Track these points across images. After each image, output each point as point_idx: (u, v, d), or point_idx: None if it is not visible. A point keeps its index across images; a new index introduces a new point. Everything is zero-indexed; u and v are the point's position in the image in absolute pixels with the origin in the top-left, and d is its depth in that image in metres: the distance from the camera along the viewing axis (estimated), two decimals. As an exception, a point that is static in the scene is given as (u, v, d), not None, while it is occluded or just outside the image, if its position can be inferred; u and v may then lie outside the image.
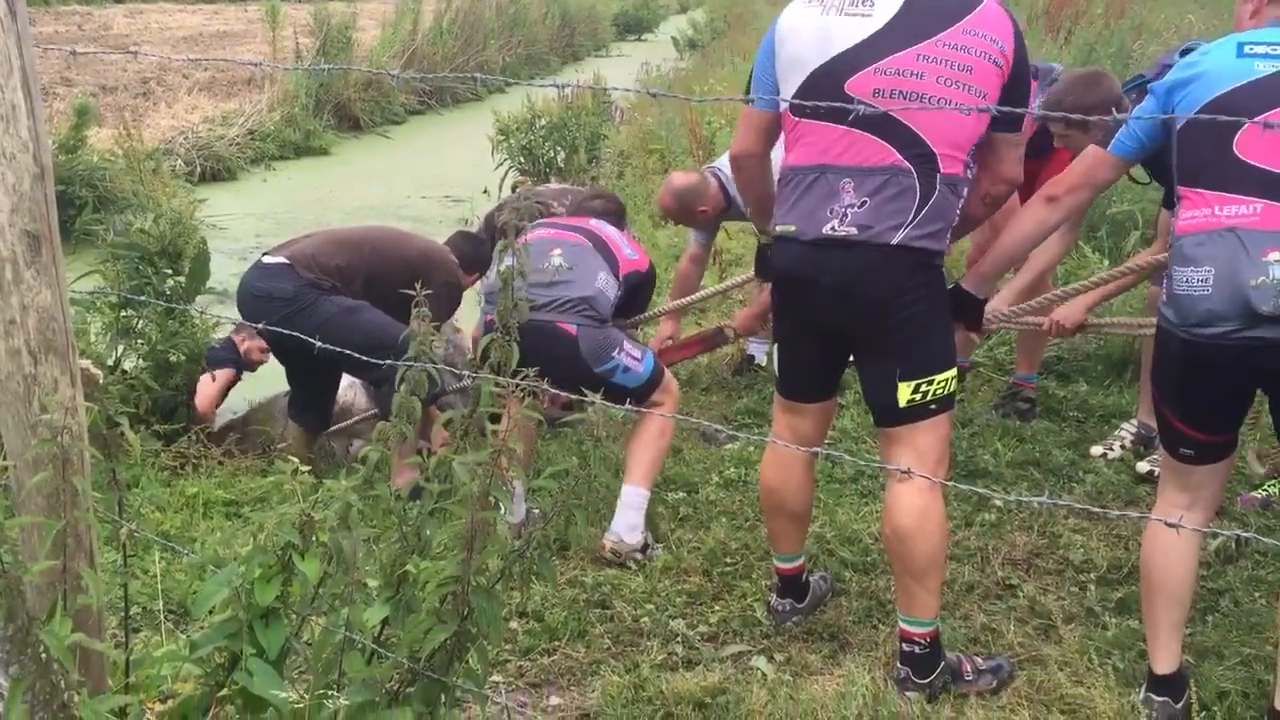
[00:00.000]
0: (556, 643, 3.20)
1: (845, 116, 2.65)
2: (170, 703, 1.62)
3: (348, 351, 2.59)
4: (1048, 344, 4.89)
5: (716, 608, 3.37)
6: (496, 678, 3.04)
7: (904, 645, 2.93)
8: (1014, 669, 3.01)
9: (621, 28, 28.88)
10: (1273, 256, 2.40)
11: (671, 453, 4.43)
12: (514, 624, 3.26)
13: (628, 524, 3.67)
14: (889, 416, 2.87)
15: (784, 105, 2.85)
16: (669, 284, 5.61)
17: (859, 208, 2.73)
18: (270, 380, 4.92)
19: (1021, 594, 3.39)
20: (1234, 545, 3.50)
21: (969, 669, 2.96)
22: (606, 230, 4.04)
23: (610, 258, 3.88)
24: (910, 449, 2.83)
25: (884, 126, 2.69)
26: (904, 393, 2.80)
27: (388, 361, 3.19)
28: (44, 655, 1.39)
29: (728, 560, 3.63)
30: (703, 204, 4.74)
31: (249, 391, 5.10)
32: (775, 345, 3.28)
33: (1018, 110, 2.69)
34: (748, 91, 3.01)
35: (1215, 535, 3.57)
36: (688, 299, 4.94)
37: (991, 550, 3.64)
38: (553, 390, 1.92)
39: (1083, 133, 3.77)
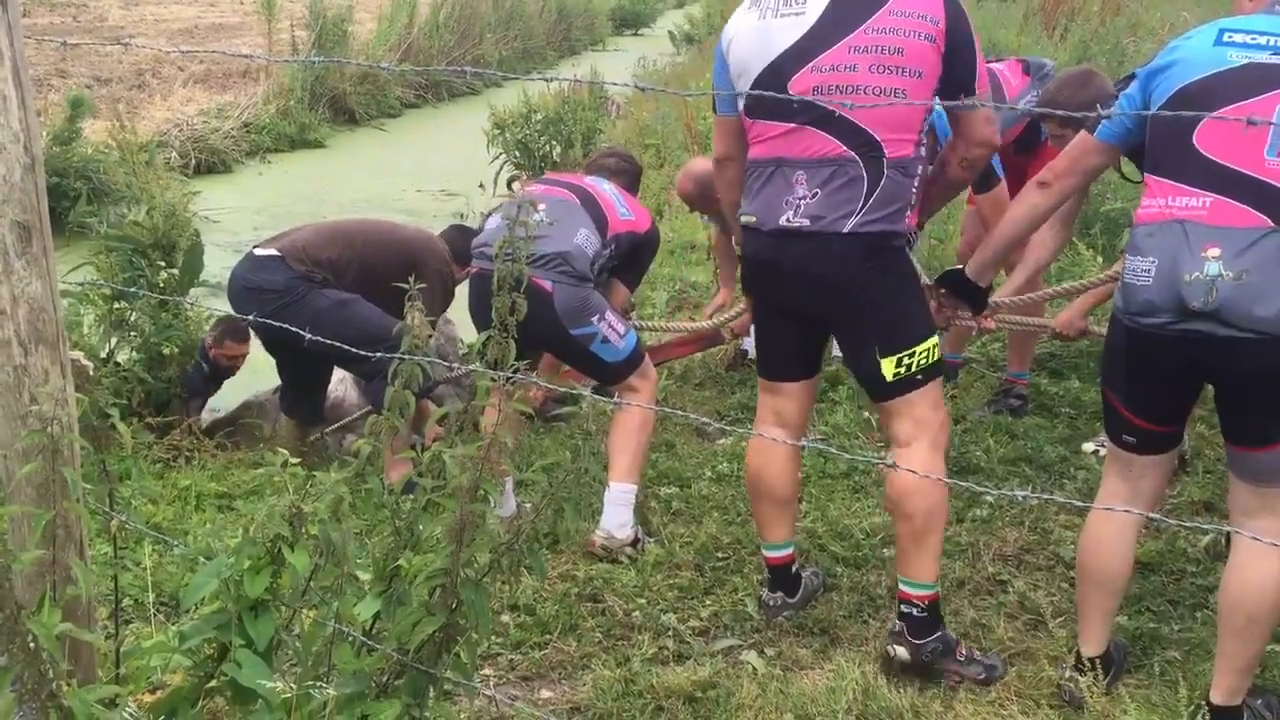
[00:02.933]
0: (548, 636, 3.20)
1: (791, 114, 2.82)
2: (160, 694, 1.62)
3: (339, 345, 2.58)
4: (1039, 341, 4.90)
5: (708, 602, 3.38)
6: (487, 671, 3.05)
7: (902, 606, 3.00)
8: (1005, 670, 3.02)
9: (618, 22, 28.83)
10: (1211, 253, 2.42)
11: (664, 448, 4.44)
12: (505, 617, 3.26)
13: (617, 521, 3.66)
14: (880, 391, 2.97)
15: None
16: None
17: (811, 199, 2.84)
18: (263, 375, 4.91)
19: (1012, 589, 3.40)
20: (1223, 542, 3.51)
21: (964, 651, 3.01)
22: (601, 188, 3.94)
23: (598, 215, 3.80)
24: (909, 419, 2.95)
25: (827, 120, 2.80)
26: (888, 368, 2.91)
27: (379, 354, 3.20)
28: (32, 644, 1.39)
29: (719, 555, 3.63)
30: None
31: (241, 387, 5.10)
32: (753, 328, 3.33)
33: (968, 106, 2.77)
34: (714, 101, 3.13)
35: (1205, 532, 3.60)
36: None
37: (983, 546, 3.65)
38: (541, 384, 1.92)
39: (1075, 131, 3.78)
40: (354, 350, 2.61)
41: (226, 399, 5.11)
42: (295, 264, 4.21)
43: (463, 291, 5.02)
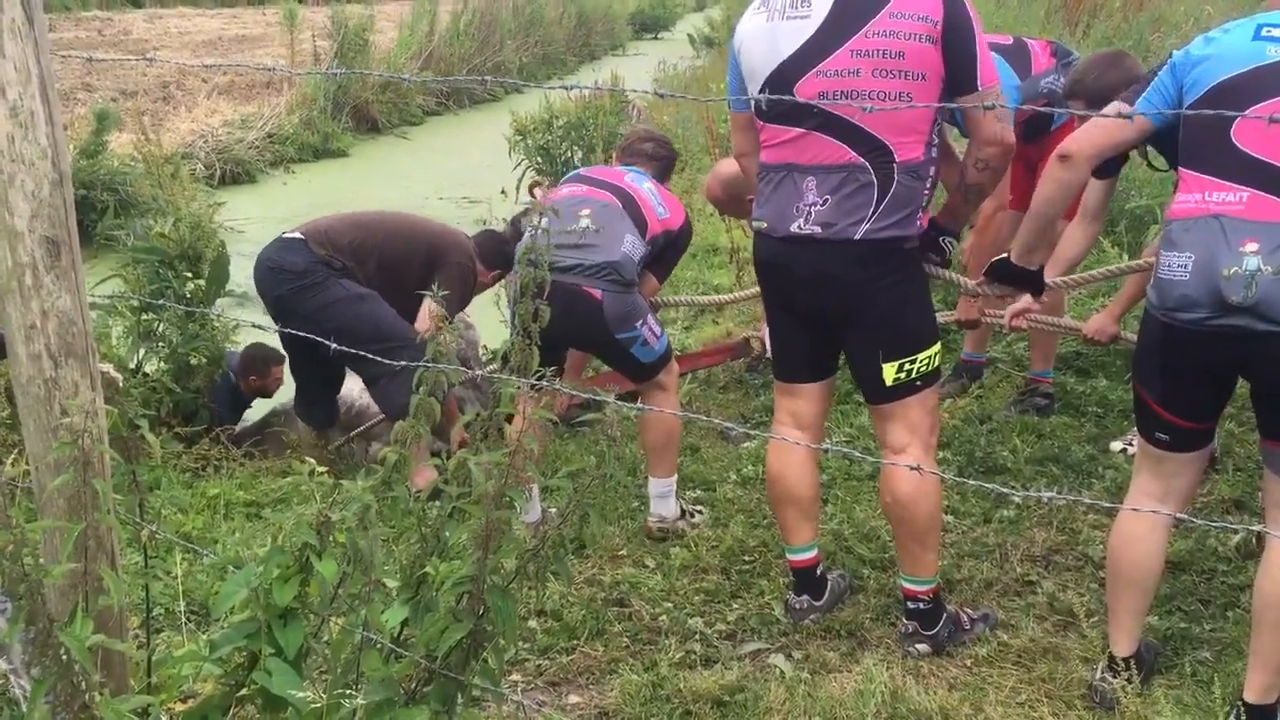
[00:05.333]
0: (575, 641, 3.21)
1: (800, 120, 2.82)
2: (191, 702, 1.64)
3: (351, 333, 2.59)
4: (1062, 338, 4.87)
5: (735, 606, 3.37)
6: (515, 676, 3.05)
7: (909, 603, 3.11)
8: (995, 615, 3.22)
9: (638, 26, 28.89)
10: (1250, 247, 2.40)
11: (689, 451, 4.45)
12: (532, 623, 3.27)
13: (664, 509, 3.82)
14: (878, 395, 3.00)
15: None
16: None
17: (821, 205, 2.85)
18: (290, 385, 4.94)
19: (1040, 590, 3.38)
20: (1254, 540, 3.47)
21: (966, 619, 3.16)
22: (640, 188, 3.92)
23: (639, 218, 3.81)
24: (902, 423, 2.99)
25: (836, 126, 2.80)
26: (889, 373, 2.94)
27: (395, 363, 3.22)
28: (65, 657, 1.41)
29: (746, 558, 3.63)
30: (752, 192, 4.72)
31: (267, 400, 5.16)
32: (769, 330, 3.35)
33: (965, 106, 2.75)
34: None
35: (1235, 531, 3.57)
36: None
37: (1010, 547, 3.63)
38: (566, 390, 1.93)
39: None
40: (359, 351, 2.63)
41: (251, 411, 5.17)
42: (316, 248, 4.23)
43: (487, 298, 5.07)
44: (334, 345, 2.36)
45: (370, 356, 2.64)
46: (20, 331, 1.78)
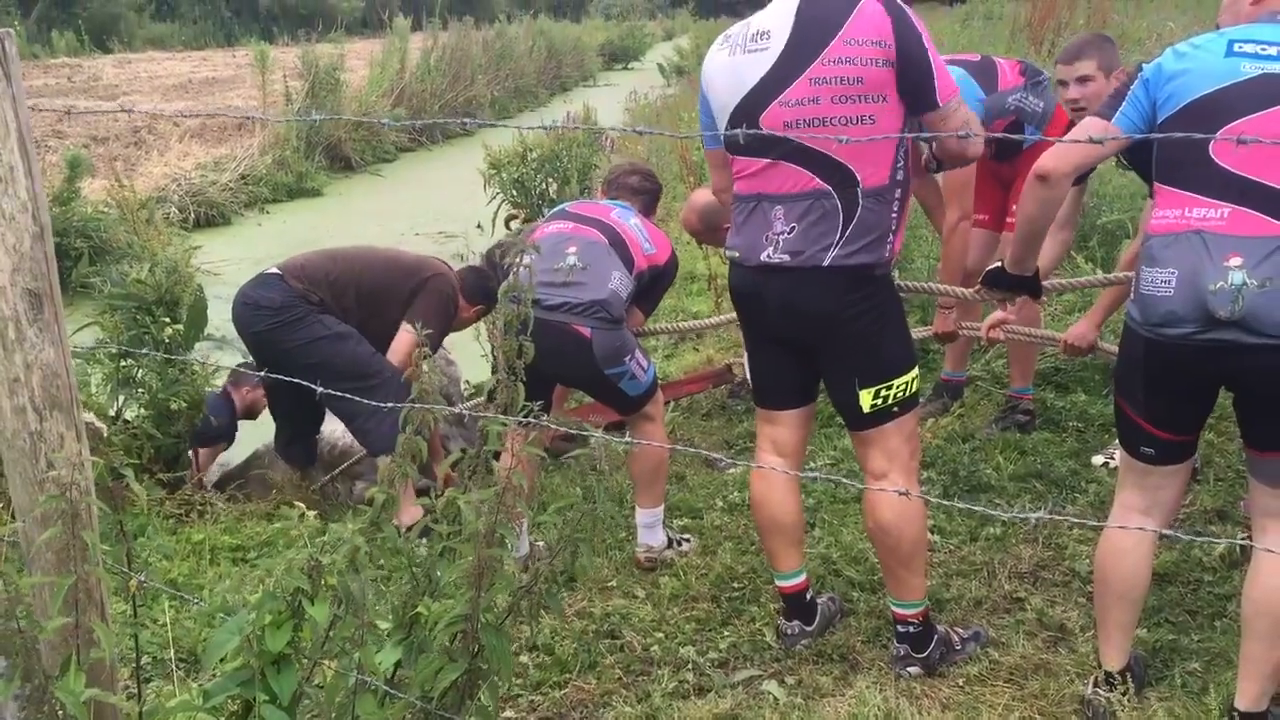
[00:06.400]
0: (567, 675, 3.20)
1: (766, 150, 2.86)
2: (185, 752, 1.63)
3: (329, 370, 2.58)
4: (1040, 354, 4.92)
5: (726, 633, 3.37)
6: (509, 714, 3.04)
7: (899, 627, 3.12)
8: (986, 634, 3.23)
9: (608, 57, 29.10)
10: (1234, 262, 2.43)
11: (675, 479, 4.45)
12: (524, 658, 3.25)
13: (651, 538, 3.84)
14: (856, 421, 3.03)
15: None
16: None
17: (789, 234, 2.88)
18: (269, 427, 4.93)
19: (1029, 606, 3.39)
20: (1239, 550, 3.50)
21: (956, 639, 3.17)
22: (626, 224, 3.93)
23: (626, 255, 3.82)
24: (880, 450, 3.01)
25: (801, 155, 2.83)
26: (865, 399, 2.96)
27: (378, 395, 3.20)
28: (60, 713, 1.40)
29: (735, 585, 3.63)
30: (728, 221, 4.75)
31: (249, 439, 5.13)
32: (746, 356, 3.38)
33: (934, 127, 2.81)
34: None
35: (1219, 541, 3.60)
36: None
37: (997, 564, 3.64)
38: (553, 425, 1.93)
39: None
40: (336, 391, 2.61)
41: (233, 453, 5.14)
42: (294, 282, 4.21)
43: (467, 334, 5.07)
44: (320, 389, 2.36)
45: (350, 397, 2.65)
46: (4, 385, 1.77)
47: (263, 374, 3.81)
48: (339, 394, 2.73)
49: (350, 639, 1.75)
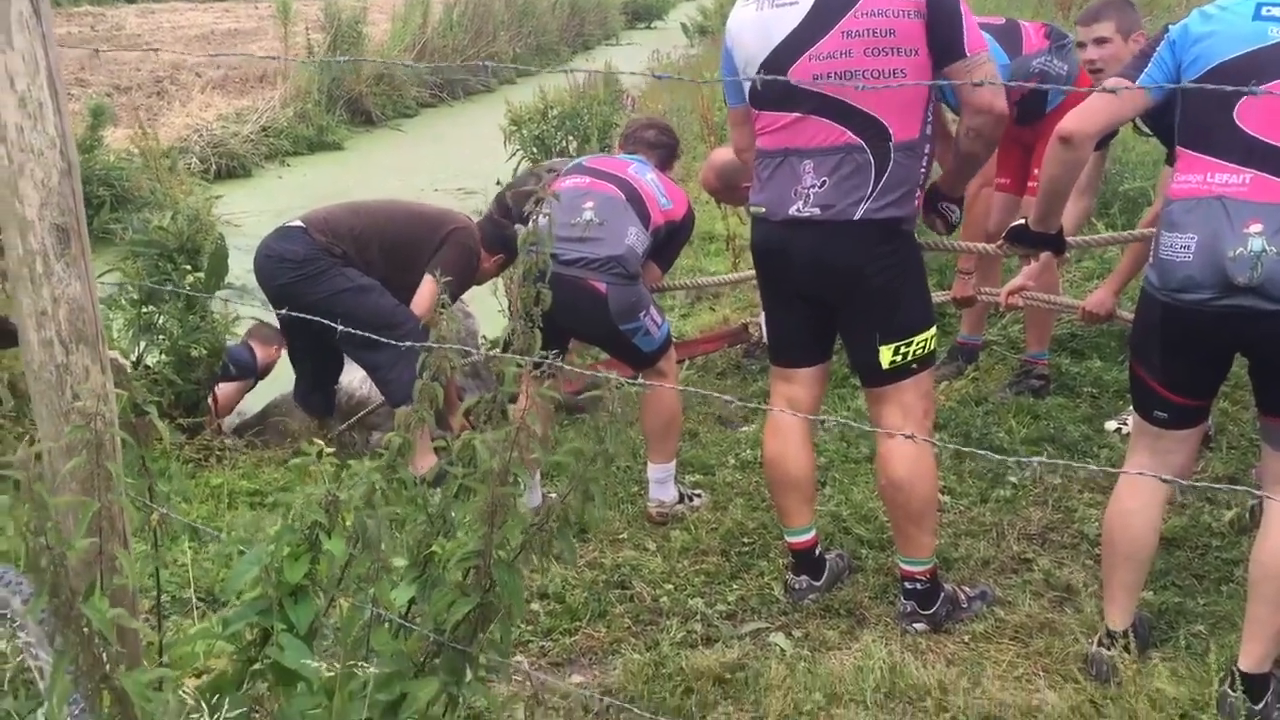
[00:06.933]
0: (578, 623, 3.25)
1: (795, 104, 2.86)
2: (204, 678, 1.68)
3: (353, 322, 2.62)
4: (1057, 320, 4.91)
5: (735, 586, 3.41)
6: (519, 658, 3.09)
7: (906, 584, 3.15)
8: (993, 592, 3.25)
9: (631, 16, 28.85)
10: (1254, 229, 2.42)
11: (688, 436, 4.48)
12: (535, 605, 3.31)
13: (663, 494, 3.87)
14: (874, 378, 3.04)
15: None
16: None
17: (820, 188, 2.88)
18: (288, 377, 4.98)
19: (1037, 567, 3.42)
20: (1247, 516, 3.52)
21: (963, 597, 3.20)
22: (643, 179, 3.93)
23: (642, 211, 3.83)
24: (896, 406, 3.03)
25: (832, 108, 2.84)
26: (885, 355, 2.97)
27: (401, 343, 3.24)
28: (86, 630, 1.44)
29: (745, 540, 3.67)
30: (747, 180, 4.74)
31: (266, 389, 5.20)
32: (763, 315, 3.39)
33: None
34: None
35: (1230, 506, 3.62)
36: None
37: (1006, 526, 3.67)
38: (567, 369, 1.96)
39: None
40: (362, 334, 2.65)
41: (252, 403, 5.20)
42: (317, 235, 4.24)
43: (485, 289, 5.10)
44: (340, 326, 2.39)
45: (373, 342, 2.68)
46: (32, 318, 1.81)
47: (284, 311, 3.84)
48: (365, 339, 2.76)
49: (365, 575, 1.79)
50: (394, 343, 3.55)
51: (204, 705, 1.49)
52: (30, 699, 1.86)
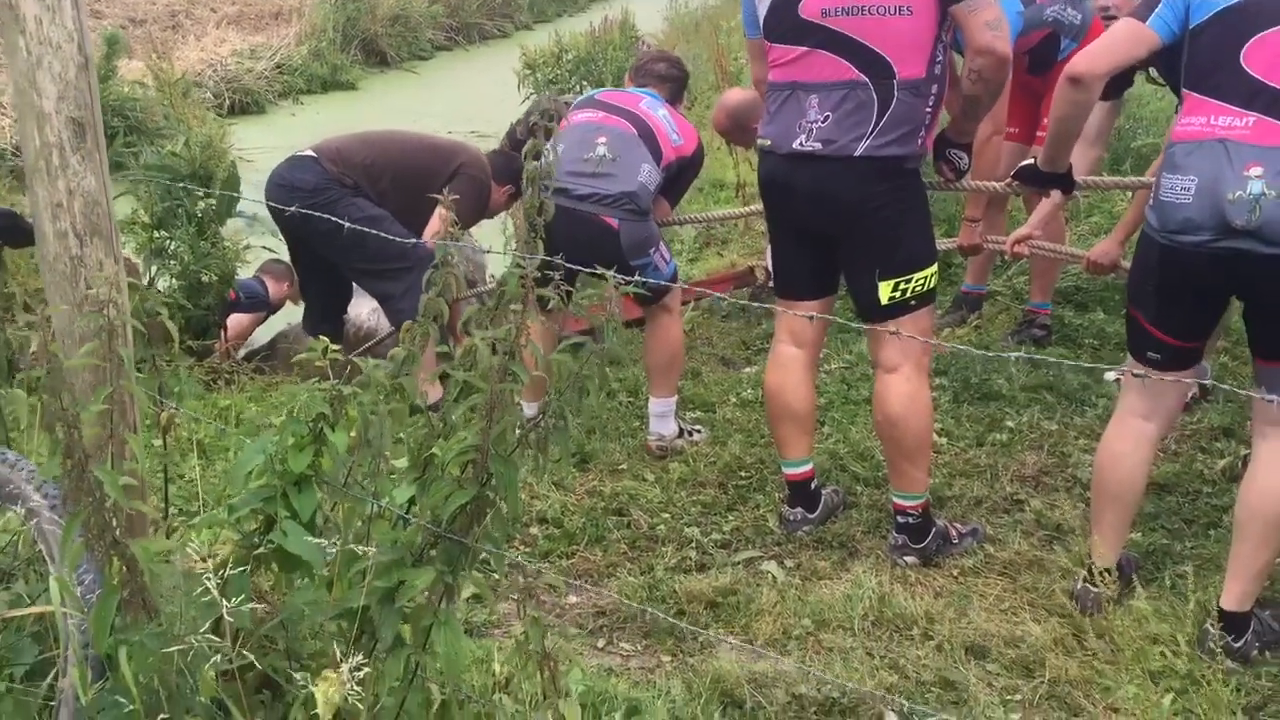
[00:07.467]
0: (575, 547, 3.31)
1: (803, 38, 2.90)
2: (210, 560, 1.73)
3: (364, 253, 2.63)
4: (1062, 269, 4.92)
5: (730, 517, 3.47)
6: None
7: (899, 518, 3.21)
8: (984, 530, 3.30)
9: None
10: (1254, 171, 2.44)
11: (691, 375, 4.53)
12: (534, 529, 3.38)
13: (663, 427, 3.92)
14: (873, 313, 3.07)
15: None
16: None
17: (823, 123, 2.92)
18: (298, 308, 5.03)
19: (1029, 508, 3.47)
20: (1239, 464, 3.56)
21: (954, 533, 3.25)
22: (655, 115, 3.94)
23: (655, 146, 3.84)
24: (895, 343, 3.05)
25: (838, 44, 2.87)
26: (885, 291, 3.01)
27: (407, 270, 3.25)
28: (98, 493, 1.50)
29: (742, 474, 3.73)
30: (757, 120, 4.74)
31: (276, 318, 5.26)
32: (769, 247, 3.43)
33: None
34: None
35: (1224, 456, 3.66)
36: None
37: (1001, 468, 3.71)
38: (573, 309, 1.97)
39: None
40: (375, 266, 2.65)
41: (259, 333, 5.27)
42: (329, 165, 4.26)
43: (495, 223, 5.12)
44: (348, 224, 2.41)
45: (384, 271, 2.69)
46: (47, 210, 1.85)
47: (293, 209, 3.85)
48: (373, 272, 2.76)
49: (368, 473, 1.84)
50: (405, 269, 3.58)
51: (210, 576, 1.55)
52: (40, 582, 1.92)
